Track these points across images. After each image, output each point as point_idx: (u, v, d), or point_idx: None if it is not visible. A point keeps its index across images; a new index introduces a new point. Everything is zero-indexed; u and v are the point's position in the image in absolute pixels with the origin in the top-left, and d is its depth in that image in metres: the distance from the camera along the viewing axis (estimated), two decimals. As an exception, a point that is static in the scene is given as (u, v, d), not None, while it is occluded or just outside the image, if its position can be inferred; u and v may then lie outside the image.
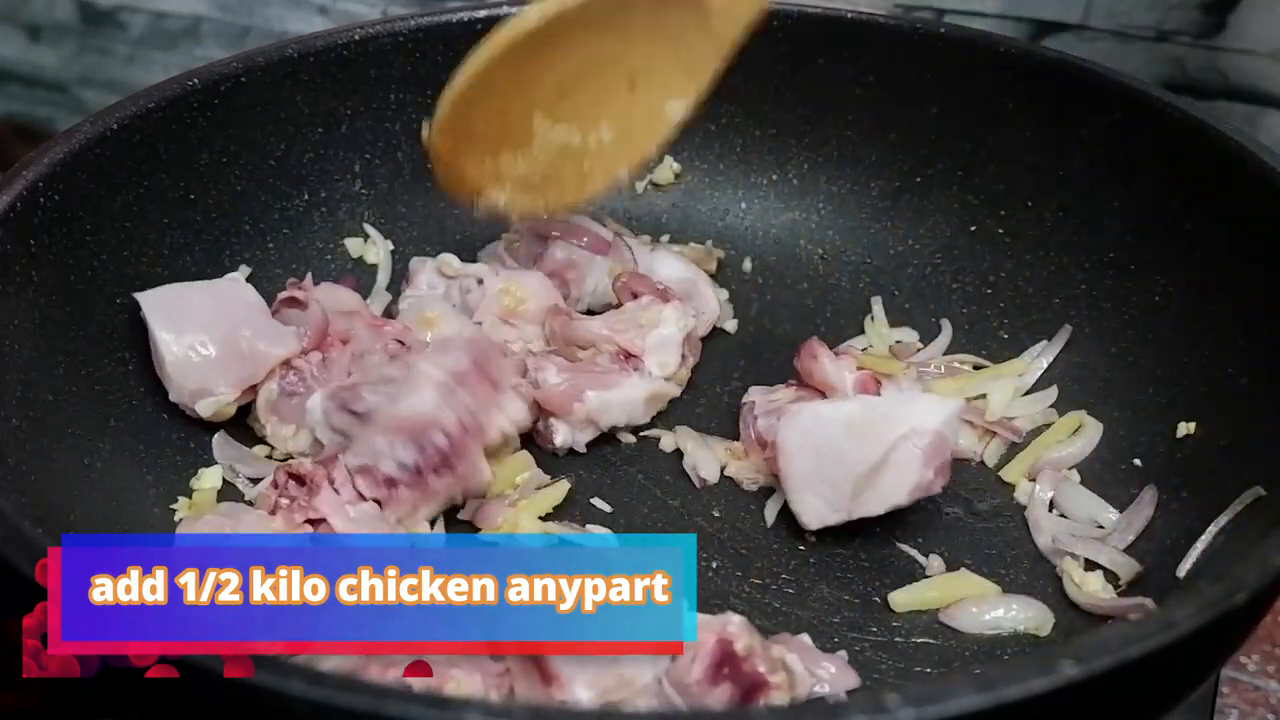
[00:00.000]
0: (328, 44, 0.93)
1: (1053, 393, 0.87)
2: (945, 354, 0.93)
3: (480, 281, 0.91)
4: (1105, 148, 0.89)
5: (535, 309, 0.90)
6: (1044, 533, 0.78)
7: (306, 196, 0.96)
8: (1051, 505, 0.81)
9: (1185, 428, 0.79)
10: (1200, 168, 0.82)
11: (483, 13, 0.95)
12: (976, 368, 0.91)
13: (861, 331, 0.96)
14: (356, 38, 0.93)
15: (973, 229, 0.97)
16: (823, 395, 0.84)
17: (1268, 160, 0.77)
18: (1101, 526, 0.78)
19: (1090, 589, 0.74)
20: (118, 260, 0.82)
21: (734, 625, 0.64)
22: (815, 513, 0.77)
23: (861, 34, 0.96)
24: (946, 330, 0.94)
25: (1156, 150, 0.85)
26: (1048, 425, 0.86)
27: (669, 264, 0.96)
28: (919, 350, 0.94)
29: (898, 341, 0.95)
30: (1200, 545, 0.72)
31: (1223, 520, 0.71)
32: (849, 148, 1.01)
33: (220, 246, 0.90)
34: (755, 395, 0.86)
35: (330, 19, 1.37)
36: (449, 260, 0.93)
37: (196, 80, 0.86)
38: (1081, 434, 0.84)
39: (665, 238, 1.04)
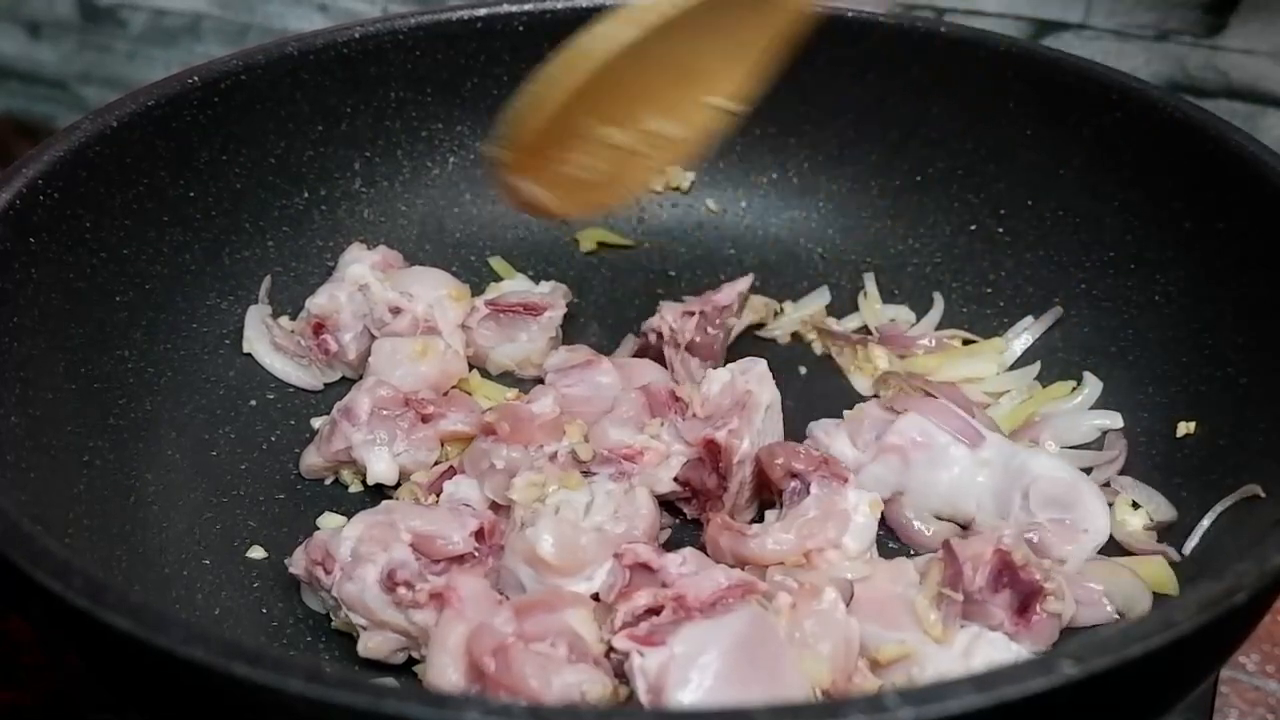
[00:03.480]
0: (328, 42, 0.93)
1: (1035, 369, 0.89)
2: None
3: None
4: (1105, 147, 0.89)
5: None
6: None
7: (306, 194, 0.95)
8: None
9: (1185, 427, 0.80)
10: (1200, 167, 0.82)
11: (483, 11, 0.95)
12: (966, 342, 0.92)
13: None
14: (356, 35, 0.93)
15: (972, 228, 0.97)
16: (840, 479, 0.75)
17: (1268, 160, 0.77)
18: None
19: (1131, 526, 0.76)
20: (117, 258, 0.82)
21: (1008, 538, 0.68)
22: None
23: (862, 33, 0.96)
24: (939, 303, 0.95)
25: (1157, 150, 0.85)
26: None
27: (1045, 464, 0.76)
28: (912, 326, 0.95)
29: (891, 320, 0.95)
30: (1201, 528, 0.74)
31: (1217, 511, 0.73)
32: (849, 147, 1.01)
33: (220, 244, 0.90)
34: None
35: (330, 17, 1.37)
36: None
37: (197, 78, 0.86)
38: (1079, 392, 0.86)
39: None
